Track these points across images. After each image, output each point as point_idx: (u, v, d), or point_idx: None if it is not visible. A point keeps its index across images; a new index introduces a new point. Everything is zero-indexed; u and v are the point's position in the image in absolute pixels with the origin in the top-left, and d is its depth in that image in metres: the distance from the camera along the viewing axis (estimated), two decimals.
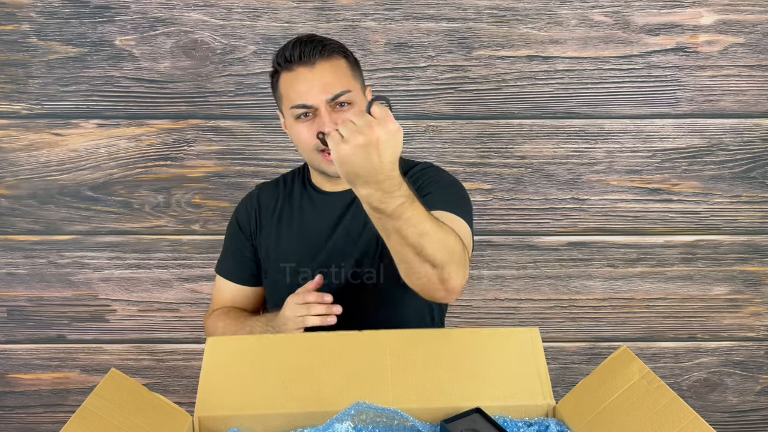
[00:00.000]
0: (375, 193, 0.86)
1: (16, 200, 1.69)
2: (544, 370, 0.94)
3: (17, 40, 1.59)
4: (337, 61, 1.15)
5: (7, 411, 1.86)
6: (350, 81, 1.15)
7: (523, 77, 1.62)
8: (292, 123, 1.16)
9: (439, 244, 0.92)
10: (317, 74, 1.12)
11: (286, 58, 1.13)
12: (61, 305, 1.77)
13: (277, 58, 1.15)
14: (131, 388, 0.87)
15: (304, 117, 1.14)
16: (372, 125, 0.83)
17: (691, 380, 1.84)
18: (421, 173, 1.22)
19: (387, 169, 0.85)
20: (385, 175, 0.85)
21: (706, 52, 1.61)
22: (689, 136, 1.66)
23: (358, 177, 0.85)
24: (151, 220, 1.70)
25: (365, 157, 0.83)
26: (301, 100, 1.12)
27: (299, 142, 1.17)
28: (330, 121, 1.10)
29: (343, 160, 0.85)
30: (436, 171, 1.24)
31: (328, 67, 1.13)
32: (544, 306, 1.78)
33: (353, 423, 0.86)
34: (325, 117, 1.11)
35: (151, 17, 1.58)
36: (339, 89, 1.12)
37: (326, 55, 1.13)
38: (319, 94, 1.11)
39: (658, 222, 1.72)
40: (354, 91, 1.15)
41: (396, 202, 0.87)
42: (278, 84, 1.17)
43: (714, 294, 1.77)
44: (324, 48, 1.13)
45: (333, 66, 1.14)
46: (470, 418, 0.88)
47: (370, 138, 0.83)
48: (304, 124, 1.14)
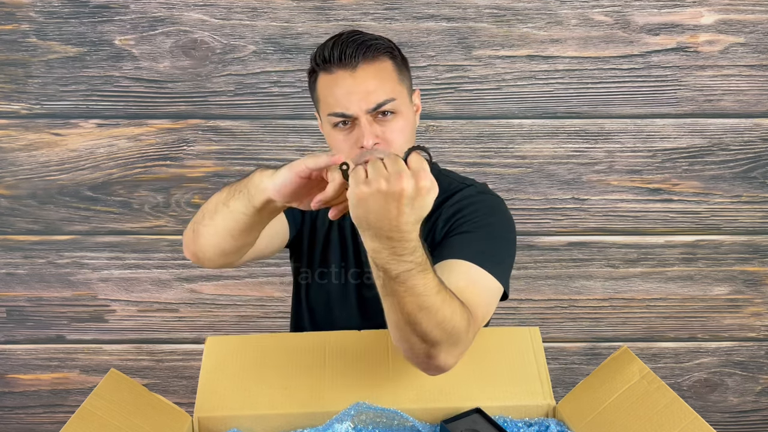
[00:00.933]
0: (383, 250, 0.77)
1: (15, 200, 1.69)
2: (545, 370, 0.94)
3: (17, 40, 1.59)
4: (382, 63, 1.02)
5: (7, 411, 1.86)
6: (395, 86, 1.03)
7: (523, 77, 1.62)
8: (329, 130, 1.05)
9: (437, 321, 0.81)
10: (359, 79, 1.00)
11: (325, 58, 1.01)
12: (61, 305, 1.77)
13: (316, 56, 1.03)
14: (131, 388, 0.86)
15: (342, 125, 1.02)
16: (402, 175, 0.73)
17: (692, 380, 1.84)
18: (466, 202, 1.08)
19: (404, 229, 0.75)
20: (399, 235, 0.76)
21: (706, 51, 1.61)
22: (690, 136, 1.66)
23: (370, 227, 0.76)
24: (150, 220, 1.70)
25: (383, 206, 0.74)
26: (339, 107, 1.00)
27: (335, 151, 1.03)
28: (371, 133, 0.99)
29: (359, 203, 0.75)
30: (485, 203, 1.08)
31: (371, 71, 1.01)
32: (544, 306, 1.78)
33: (353, 423, 0.86)
34: (365, 128, 0.99)
35: (151, 17, 1.58)
36: (382, 97, 1.00)
37: (370, 57, 1.00)
38: (360, 102, 0.99)
39: (658, 222, 1.71)
40: (399, 99, 1.02)
41: (402, 267, 0.78)
42: (316, 85, 1.06)
43: (714, 294, 1.77)
44: (368, 49, 1.00)
45: (377, 69, 1.01)
46: (470, 418, 0.88)
47: (395, 188, 0.73)
48: (341, 133, 1.02)
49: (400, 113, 1.02)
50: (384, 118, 1.01)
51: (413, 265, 0.78)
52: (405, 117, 1.03)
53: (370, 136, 0.98)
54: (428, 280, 0.80)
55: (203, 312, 1.77)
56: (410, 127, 1.05)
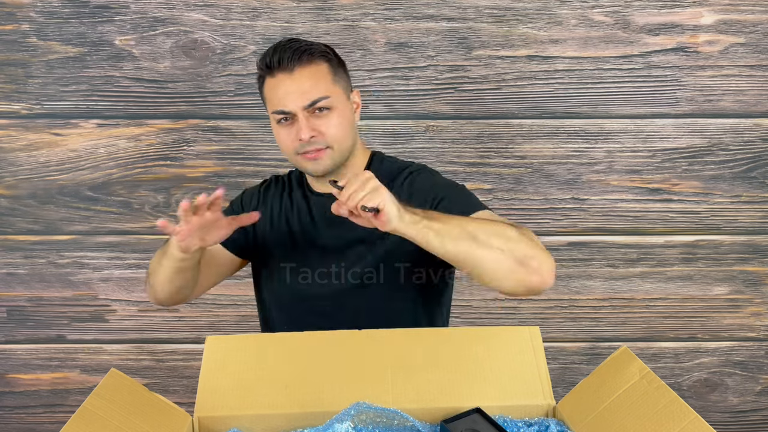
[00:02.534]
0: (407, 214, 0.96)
1: (15, 200, 1.69)
2: (545, 370, 0.94)
3: (17, 40, 1.59)
4: (318, 66, 1.14)
5: (7, 411, 1.86)
6: (330, 86, 1.15)
7: (523, 77, 1.62)
8: (275, 126, 1.18)
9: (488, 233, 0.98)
10: (296, 80, 1.13)
11: (267, 63, 1.14)
12: (61, 305, 1.77)
13: (260, 62, 1.16)
14: (131, 388, 0.86)
15: (284, 121, 1.15)
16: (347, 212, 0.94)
17: (692, 380, 1.84)
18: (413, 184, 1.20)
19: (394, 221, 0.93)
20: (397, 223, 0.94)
21: (706, 52, 1.61)
22: (689, 136, 1.66)
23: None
24: (150, 220, 1.70)
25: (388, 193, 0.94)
26: (280, 105, 1.14)
27: (280, 144, 1.19)
28: (307, 127, 1.12)
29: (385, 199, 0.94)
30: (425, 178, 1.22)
31: (306, 73, 1.13)
32: (544, 306, 1.78)
33: (353, 423, 0.86)
34: (302, 122, 1.12)
35: (151, 17, 1.58)
36: (316, 95, 1.13)
37: (305, 61, 1.13)
38: (297, 100, 1.12)
39: (658, 222, 1.72)
40: (333, 96, 1.14)
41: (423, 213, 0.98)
42: (263, 88, 1.18)
43: (714, 294, 1.77)
44: (303, 53, 1.13)
45: (312, 72, 1.14)
46: (470, 418, 0.88)
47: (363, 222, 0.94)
48: (284, 129, 1.15)
49: (335, 109, 1.15)
50: (320, 113, 1.14)
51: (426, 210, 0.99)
52: (340, 113, 1.15)
53: (306, 130, 1.12)
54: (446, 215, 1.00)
55: (203, 312, 1.77)
56: (347, 120, 1.17)
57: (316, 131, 1.13)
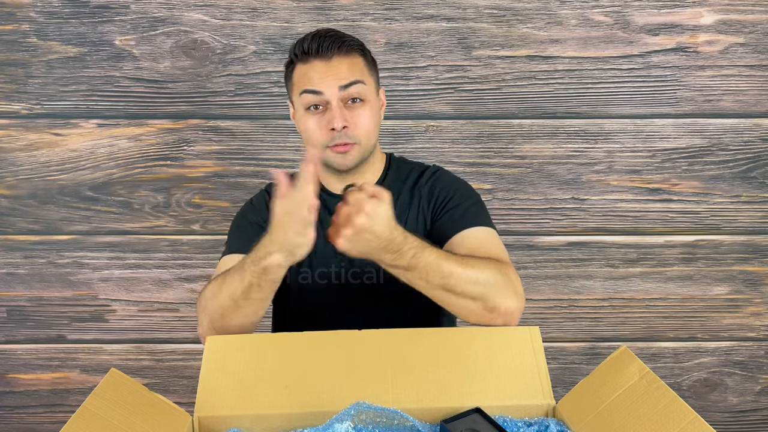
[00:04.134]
0: (385, 256, 0.95)
1: (15, 200, 1.69)
2: (544, 369, 0.94)
3: (17, 40, 1.59)
4: (355, 58, 1.13)
5: (7, 411, 1.86)
6: (365, 76, 1.14)
7: (523, 77, 1.62)
8: (302, 114, 1.13)
9: (467, 280, 0.97)
10: (333, 67, 1.10)
11: (303, 50, 1.11)
12: (61, 305, 1.77)
13: (294, 49, 1.13)
14: (131, 388, 0.86)
15: (314, 109, 1.11)
16: (352, 216, 0.90)
17: (691, 380, 1.84)
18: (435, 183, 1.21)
19: (385, 237, 0.92)
20: (385, 242, 0.92)
21: (706, 52, 1.61)
22: (689, 136, 1.66)
23: (367, 254, 0.94)
24: (150, 220, 1.70)
25: (361, 242, 0.92)
26: (311, 85, 1.10)
27: (306, 133, 1.13)
28: (340, 116, 1.08)
29: (349, 249, 0.93)
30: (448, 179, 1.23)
31: (344, 62, 1.11)
32: (544, 306, 1.78)
33: (353, 423, 0.86)
34: (336, 111, 1.09)
35: (151, 17, 1.58)
36: (352, 78, 1.10)
37: (344, 51, 1.11)
38: (332, 82, 1.09)
39: (658, 222, 1.72)
40: (368, 86, 1.13)
41: (408, 255, 0.95)
42: (292, 74, 1.15)
43: (714, 294, 1.77)
44: (343, 44, 1.11)
45: (350, 62, 1.12)
46: (470, 418, 0.88)
47: (356, 227, 0.90)
48: (314, 117, 1.11)
49: (368, 101, 1.13)
50: (353, 104, 1.11)
51: (414, 249, 0.95)
52: (372, 107, 1.14)
53: (340, 119, 1.08)
54: (434, 253, 0.96)
55: None
56: (376, 117, 1.16)
57: (350, 122, 1.10)
